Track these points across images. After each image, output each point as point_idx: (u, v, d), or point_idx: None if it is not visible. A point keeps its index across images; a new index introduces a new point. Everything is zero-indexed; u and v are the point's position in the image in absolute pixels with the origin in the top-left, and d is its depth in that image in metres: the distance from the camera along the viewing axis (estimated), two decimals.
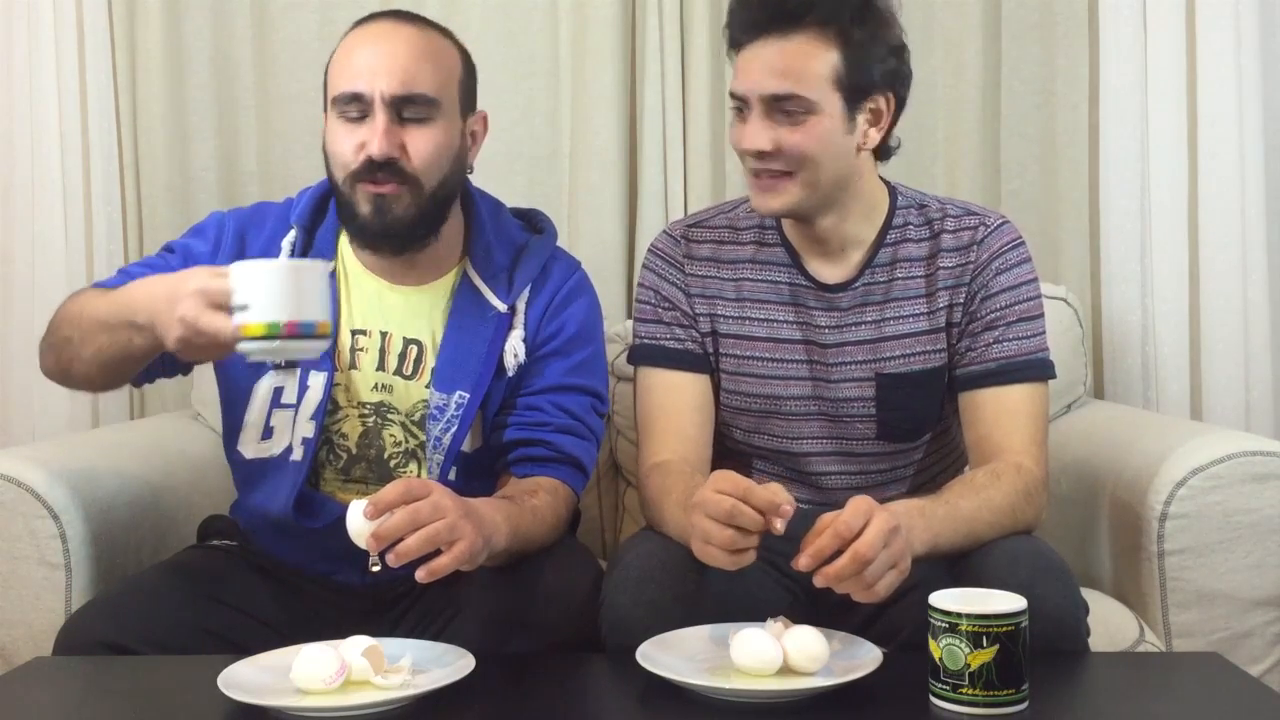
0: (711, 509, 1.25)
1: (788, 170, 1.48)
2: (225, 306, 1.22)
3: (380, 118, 1.44)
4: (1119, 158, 2.20)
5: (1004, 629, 1.10)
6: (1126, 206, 2.19)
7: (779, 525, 1.23)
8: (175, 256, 1.56)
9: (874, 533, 1.20)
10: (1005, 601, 1.14)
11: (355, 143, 1.46)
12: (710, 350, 1.60)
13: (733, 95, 1.50)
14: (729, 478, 1.28)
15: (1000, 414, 1.50)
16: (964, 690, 1.11)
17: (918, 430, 1.58)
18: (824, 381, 1.56)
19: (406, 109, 1.46)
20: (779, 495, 1.24)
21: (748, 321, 1.58)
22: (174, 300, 1.25)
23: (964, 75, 2.27)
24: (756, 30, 1.46)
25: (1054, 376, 1.54)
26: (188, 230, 1.63)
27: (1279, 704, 1.16)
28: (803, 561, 1.21)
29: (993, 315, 1.52)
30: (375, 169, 1.45)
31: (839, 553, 1.20)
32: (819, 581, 1.21)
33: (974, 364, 1.53)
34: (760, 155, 1.47)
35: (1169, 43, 2.17)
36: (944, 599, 1.14)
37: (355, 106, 1.46)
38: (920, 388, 1.55)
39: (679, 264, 1.61)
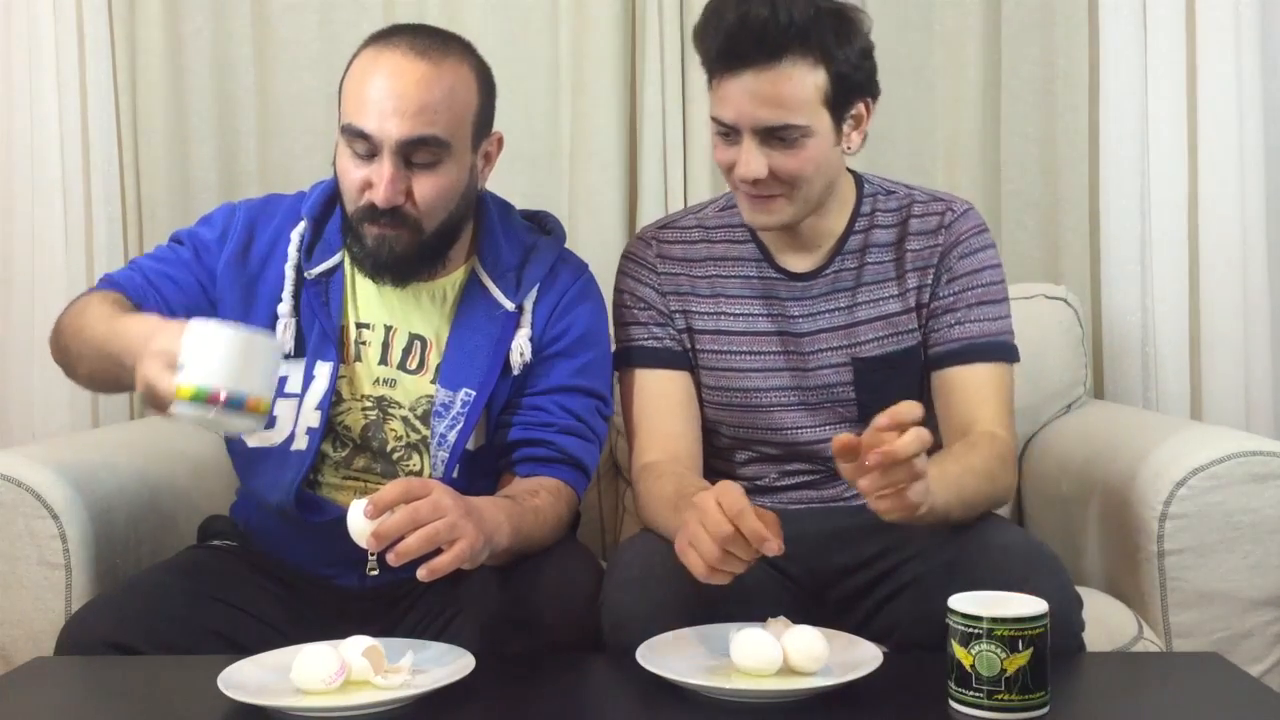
0: (711, 525, 1.22)
1: (782, 191, 1.49)
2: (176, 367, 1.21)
3: (386, 164, 1.41)
4: (1119, 158, 2.20)
5: (1036, 632, 1.10)
6: (1126, 206, 2.19)
7: (772, 548, 1.20)
8: (185, 248, 1.57)
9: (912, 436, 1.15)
10: (1027, 604, 1.12)
11: (361, 180, 1.44)
12: (688, 346, 1.62)
13: (717, 120, 1.48)
14: (730, 494, 1.23)
15: (968, 390, 1.53)
16: (1000, 696, 1.09)
17: None
18: (801, 370, 1.59)
19: (416, 153, 1.43)
20: (766, 530, 1.20)
21: (722, 317, 1.61)
22: (140, 355, 1.24)
23: (964, 75, 2.27)
24: (739, 61, 1.43)
25: (1017, 360, 1.58)
26: (198, 220, 1.62)
27: (1279, 704, 1.16)
28: (872, 458, 1.14)
29: (952, 298, 1.56)
30: (378, 214, 1.44)
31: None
32: (872, 461, 1.15)
33: (939, 344, 1.56)
34: (755, 182, 1.47)
35: (1169, 43, 2.17)
36: (966, 603, 1.12)
37: (363, 144, 1.43)
38: (897, 368, 1.58)
39: (651, 265, 1.64)
